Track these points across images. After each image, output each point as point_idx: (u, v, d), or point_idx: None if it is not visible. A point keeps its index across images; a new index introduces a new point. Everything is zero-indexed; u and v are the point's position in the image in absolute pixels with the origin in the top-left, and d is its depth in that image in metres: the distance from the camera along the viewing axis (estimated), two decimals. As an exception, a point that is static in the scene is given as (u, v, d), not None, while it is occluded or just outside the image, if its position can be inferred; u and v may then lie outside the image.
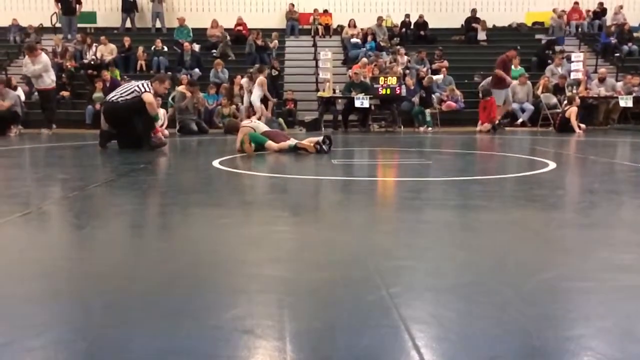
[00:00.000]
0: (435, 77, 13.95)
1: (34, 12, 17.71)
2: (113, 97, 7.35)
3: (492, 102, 11.99)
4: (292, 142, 6.80)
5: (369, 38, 16.26)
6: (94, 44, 15.23)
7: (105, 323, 1.54)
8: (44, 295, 1.79)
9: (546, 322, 1.54)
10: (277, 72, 14.02)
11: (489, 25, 17.81)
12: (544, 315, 1.59)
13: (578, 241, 2.55)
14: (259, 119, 9.97)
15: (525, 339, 1.43)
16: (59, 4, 16.42)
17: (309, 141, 6.82)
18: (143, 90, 7.14)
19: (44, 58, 11.34)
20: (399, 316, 1.56)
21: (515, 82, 13.56)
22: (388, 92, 12.37)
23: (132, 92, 7.18)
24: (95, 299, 1.74)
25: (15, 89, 12.46)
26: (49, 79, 11.30)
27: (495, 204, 3.48)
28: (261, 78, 12.09)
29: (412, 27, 17.59)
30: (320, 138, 6.90)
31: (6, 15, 17.42)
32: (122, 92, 7.33)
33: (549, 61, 15.36)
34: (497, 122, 11.94)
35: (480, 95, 12.89)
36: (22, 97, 12.74)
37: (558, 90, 13.53)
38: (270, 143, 6.80)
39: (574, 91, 13.17)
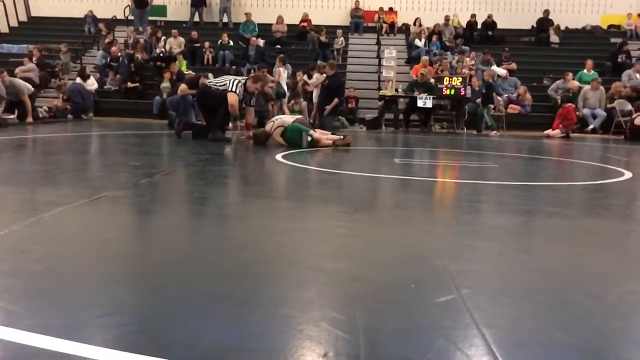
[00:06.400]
0: (498, 70, 13.40)
1: (108, 4, 18.41)
2: (209, 82, 7.79)
3: (570, 110, 11.59)
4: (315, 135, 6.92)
5: (435, 38, 15.97)
6: (163, 37, 15.68)
7: (180, 308, 1.57)
8: (119, 277, 1.84)
9: (634, 337, 1.46)
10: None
11: (562, 27, 17.15)
12: (631, 330, 1.50)
13: (661, 254, 2.41)
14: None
15: (611, 354, 1.35)
16: (133, -3, 16.95)
17: (329, 137, 6.97)
18: (231, 88, 7.32)
19: None
20: (472, 319, 1.51)
21: (587, 87, 13.02)
22: (452, 92, 12.14)
23: (224, 84, 7.42)
24: (169, 284, 1.78)
25: (88, 77, 13.06)
26: None
27: (569, 211, 3.34)
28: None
29: (479, 26, 17.16)
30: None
31: (82, 6, 18.19)
32: (218, 81, 7.67)
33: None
34: (570, 131, 11.52)
35: (559, 101, 12.48)
36: (95, 86, 13.32)
37: (635, 97, 12.88)
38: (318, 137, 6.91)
39: (649, 98, 12.50)
